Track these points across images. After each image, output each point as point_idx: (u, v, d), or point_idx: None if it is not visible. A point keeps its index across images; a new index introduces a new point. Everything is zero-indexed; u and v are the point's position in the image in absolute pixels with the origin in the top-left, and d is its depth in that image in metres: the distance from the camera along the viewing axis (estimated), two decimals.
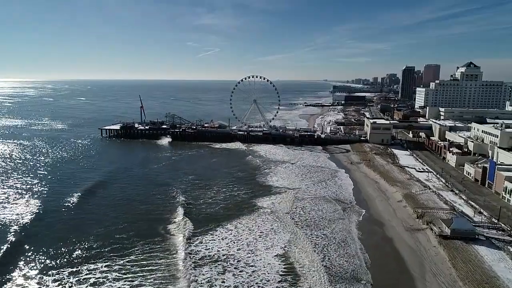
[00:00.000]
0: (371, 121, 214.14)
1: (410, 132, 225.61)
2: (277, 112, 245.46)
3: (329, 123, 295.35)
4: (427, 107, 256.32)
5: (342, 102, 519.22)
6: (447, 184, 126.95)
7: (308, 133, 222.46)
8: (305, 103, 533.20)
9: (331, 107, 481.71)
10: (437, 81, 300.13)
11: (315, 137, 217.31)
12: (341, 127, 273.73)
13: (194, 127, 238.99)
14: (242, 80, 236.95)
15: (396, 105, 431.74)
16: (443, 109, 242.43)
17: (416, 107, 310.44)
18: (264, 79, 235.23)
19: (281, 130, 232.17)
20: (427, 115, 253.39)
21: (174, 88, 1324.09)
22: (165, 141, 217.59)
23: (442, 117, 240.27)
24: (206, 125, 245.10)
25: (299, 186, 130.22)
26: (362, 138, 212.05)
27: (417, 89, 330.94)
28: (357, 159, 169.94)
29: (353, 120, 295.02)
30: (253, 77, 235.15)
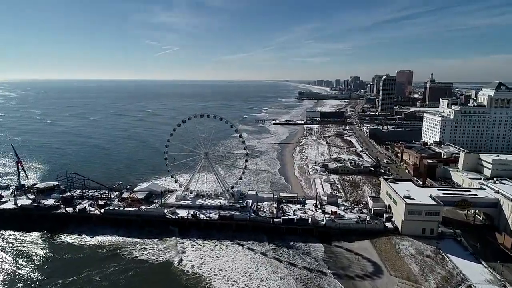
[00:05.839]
0: (402, 194, 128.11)
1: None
2: (243, 173, 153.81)
3: (315, 169, 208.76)
4: (461, 154, 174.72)
5: (317, 119, 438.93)
6: None
7: (298, 216, 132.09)
8: (273, 120, 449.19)
9: (305, 126, 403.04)
10: (456, 108, 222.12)
11: (309, 222, 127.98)
12: (335, 178, 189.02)
13: (103, 202, 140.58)
14: (184, 121, 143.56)
15: (383, 126, 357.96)
16: (490, 158, 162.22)
17: (428, 142, 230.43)
18: (220, 119, 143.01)
19: (251, 202, 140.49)
20: (461, 165, 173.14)
21: (127, 92, 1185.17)
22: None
23: (488, 169, 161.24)
24: (125, 195, 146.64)
25: None
26: (389, 226, 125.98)
27: (426, 115, 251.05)
28: None
29: (348, 163, 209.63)
30: (201, 116, 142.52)
